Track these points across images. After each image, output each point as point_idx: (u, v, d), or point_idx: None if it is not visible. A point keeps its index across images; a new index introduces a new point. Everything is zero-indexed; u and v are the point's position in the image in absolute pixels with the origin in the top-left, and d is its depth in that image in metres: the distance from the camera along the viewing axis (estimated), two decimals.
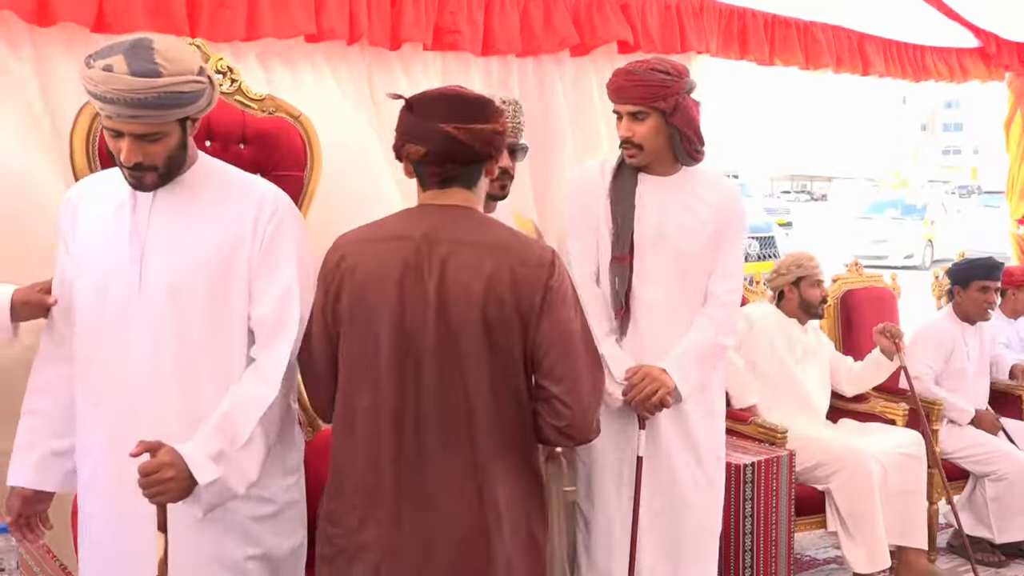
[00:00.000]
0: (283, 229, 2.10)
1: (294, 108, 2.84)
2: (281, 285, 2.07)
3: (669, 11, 4.12)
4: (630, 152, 2.78)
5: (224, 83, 2.73)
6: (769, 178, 39.11)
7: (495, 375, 1.93)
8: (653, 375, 2.71)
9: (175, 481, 1.88)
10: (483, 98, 2.04)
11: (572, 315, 1.97)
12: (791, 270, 4.01)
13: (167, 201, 2.06)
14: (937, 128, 59.62)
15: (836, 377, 4.19)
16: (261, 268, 2.07)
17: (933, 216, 19.81)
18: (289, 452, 2.19)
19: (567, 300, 1.97)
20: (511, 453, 1.97)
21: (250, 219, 2.07)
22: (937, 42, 5.62)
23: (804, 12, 4.79)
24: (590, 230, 2.81)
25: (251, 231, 2.07)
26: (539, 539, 2.03)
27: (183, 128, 2.01)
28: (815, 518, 3.79)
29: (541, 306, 1.92)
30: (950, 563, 4.26)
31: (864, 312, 4.73)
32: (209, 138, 2.67)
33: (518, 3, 3.69)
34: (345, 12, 3.22)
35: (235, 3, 2.99)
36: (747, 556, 3.38)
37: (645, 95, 2.72)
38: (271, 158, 2.75)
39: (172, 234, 2.04)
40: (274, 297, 2.06)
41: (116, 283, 2.04)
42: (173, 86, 1.90)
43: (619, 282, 2.75)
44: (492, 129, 1.99)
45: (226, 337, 2.07)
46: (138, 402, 2.03)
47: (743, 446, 3.58)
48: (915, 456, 3.88)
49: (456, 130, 1.95)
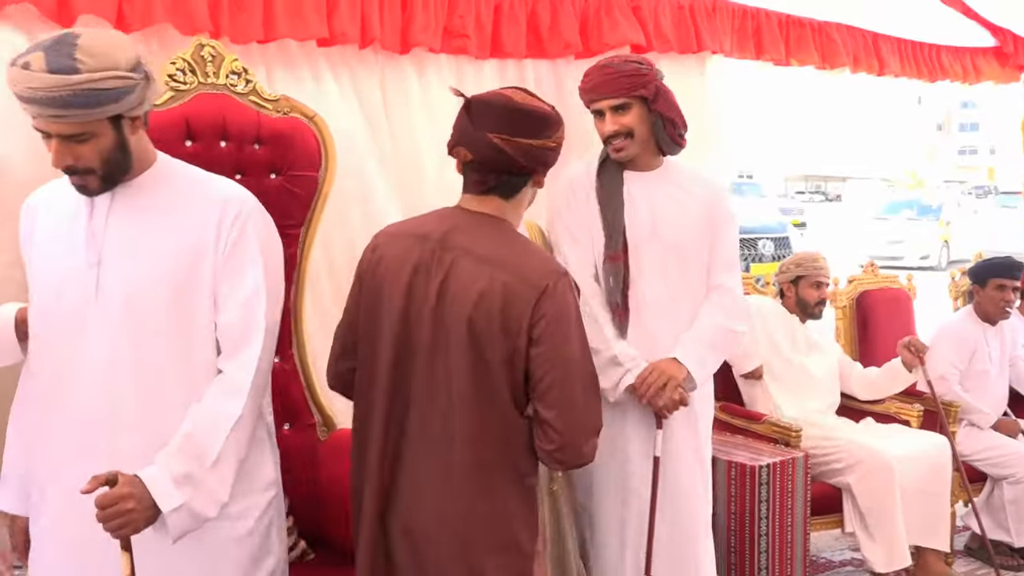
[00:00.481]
0: (248, 231, 1.99)
1: (308, 109, 2.85)
2: (247, 290, 1.97)
3: (682, 11, 4.11)
4: (619, 145, 2.76)
5: (239, 84, 2.73)
6: (783, 178, 38.95)
7: (478, 385, 1.95)
8: (660, 368, 2.71)
9: (136, 512, 1.78)
10: (540, 111, 2.02)
11: (570, 340, 1.95)
12: (790, 269, 4.06)
13: (125, 205, 1.97)
14: (953, 128, 59.29)
15: (847, 381, 4.18)
16: (225, 273, 1.97)
17: (949, 217, 19.68)
18: (263, 467, 2.08)
19: (564, 325, 1.94)
20: (493, 463, 1.97)
21: (213, 222, 1.97)
22: (953, 41, 5.59)
23: (819, 12, 4.77)
24: (585, 233, 2.80)
25: (214, 235, 1.97)
26: (525, 547, 2.02)
27: (117, 127, 1.89)
28: (831, 518, 3.78)
29: (530, 328, 1.92)
30: (968, 566, 4.23)
31: (880, 313, 4.71)
32: (224, 138, 2.68)
33: (526, 6, 3.68)
34: (357, 16, 3.22)
35: (251, 6, 2.99)
36: (762, 558, 3.36)
37: (626, 86, 2.73)
38: (286, 158, 2.76)
39: (131, 239, 1.95)
40: (239, 303, 1.96)
41: (72, 290, 1.95)
42: (92, 83, 1.79)
43: (614, 281, 2.74)
44: (543, 145, 2.00)
45: (190, 347, 1.96)
46: (93, 416, 1.93)
47: (757, 447, 3.57)
48: (940, 458, 3.85)
49: (503, 142, 1.97)
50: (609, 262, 2.75)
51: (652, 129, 2.78)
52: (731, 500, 3.38)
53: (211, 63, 2.70)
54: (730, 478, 3.38)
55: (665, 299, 2.80)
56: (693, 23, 4.15)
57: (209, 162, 2.63)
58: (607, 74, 2.75)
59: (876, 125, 41.09)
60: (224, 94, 2.71)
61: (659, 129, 2.78)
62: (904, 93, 5.92)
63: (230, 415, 1.91)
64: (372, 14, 3.24)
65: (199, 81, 2.68)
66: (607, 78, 2.75)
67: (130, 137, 1.93)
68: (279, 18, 3.04)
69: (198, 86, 2.67)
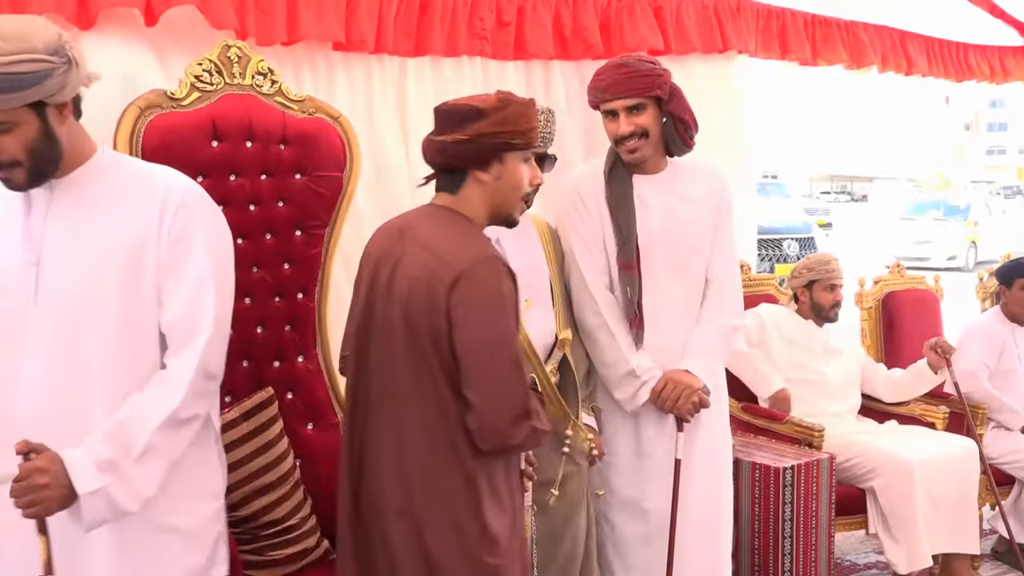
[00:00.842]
0: (193, 222, 1.90)
1: (334, 109, 2.86)
2: (191, 283, 1.88)
3: (707, 11, 4.10)
4: (633, 145, 2.73)
5: (265, 84, 2.75)
6: (808, 179, 38.70)
7: (417, 368, 2.02)
8: (675, 379, 2.70)
9: (49, 489, 1.68)
10: (458, 108, 2.08)
11: (490, 324, 1.98)
12: (802, 273, 4.02)
13: (64, 201, 1.87)
14: (981, 128, 58.67)
15: (871, 384, 4.15)
16: (169, 266, 1.88)
17: (977, 217, 19.49)
18: (208, 475, 1.99)
19: (484, 308, 1.98)
20: (434, 445, 2.02)
21: (155, 214, 1.87)
22: (980, 40, 5.54)
23: (845, 11, 4.74)
24: (597, 241, 2.78)
25: (156, 227, 1.87)
26: (468, 529, 2.03)
27: (41, 116, 1.79)
28: (855, 518, 3.75)
29: (448, 312, 1.97)
30: (994, 570, 4.19)
31: (906, 314, 4.67)
32: (250, 139, 2.70)
33: (550, 7, 3.68)
34: (374, 20, 3.23)
35: (274, 9, 3.01)
36: (786, 560, 3.34)
37: (643, 86, 2.70)
38: (311, 159, 2.78)
39: (70, 237, 1.86)
40: (184, 298, 1.88)
41: (11, 291, 1.86)
42: (5, 67, 1.70)
43: (631, 291, 2.71)
44: (453, 140, 2.06)
45: (134, 347, 1.87)
46: (33, 418, 1.82)
47: (780, 448, 3.55)
48: (967, 462, 3.81)
49: (428, 142, 2.12)
50: (624, 272, 2.73)
51: (662, 131, 2.76)
52: (755, 502, 3.36)
53: (237, 64, 2.72)
54: (754, 480, 3.36)
55: (680, 301, 2.80)
56: (718, 23, 4.14)
57: (235, 162, 2.67)
58: (623, 73, 2.72)
59: (903, 125, 40.71)
60: (250, 95, 2.72)
61: (670, 130, 2.76)
62: (931, 92, 5.86)
63: (162, 408, 1.81)
64: (388, 18, 3.24)
65: (225, 82, 2.70)
66: (623, 77, 2.71)
67: (58, 127, 1.83)
68: (303, 20, 3.06)
69: (224, 87, 2.69)
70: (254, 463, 2.54)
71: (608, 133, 2.78)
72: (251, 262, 2.72)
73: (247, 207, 2.71)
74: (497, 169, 2.09)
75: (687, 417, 2.72)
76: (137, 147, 2.53)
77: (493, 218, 2.16)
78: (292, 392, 2.81)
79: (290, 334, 2.81)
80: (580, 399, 2.68)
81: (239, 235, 2.70)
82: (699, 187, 2.84)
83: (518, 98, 2.11)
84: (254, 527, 2.54)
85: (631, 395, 2.72)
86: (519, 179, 2.12)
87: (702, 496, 2.84)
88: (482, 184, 2.09)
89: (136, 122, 2.53)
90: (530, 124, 2.10)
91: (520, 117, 2.08)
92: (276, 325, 2.78)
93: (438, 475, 2.03)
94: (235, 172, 2.68)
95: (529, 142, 2.11)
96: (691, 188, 2.83)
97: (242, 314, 2.71)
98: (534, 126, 2.12)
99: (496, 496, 2.07)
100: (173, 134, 2.56)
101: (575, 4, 3.72)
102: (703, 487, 2.85)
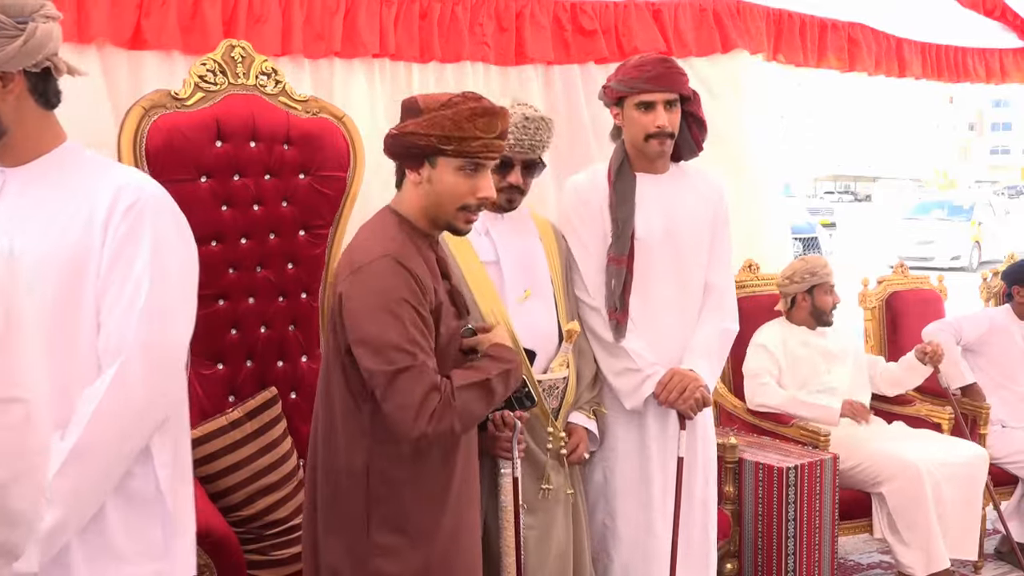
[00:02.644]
0: (142, 227, 1.66)
1: (337, 109, 2.87)
2: (124, 301, 1.64)
3: (705, 14, 4.11)
4: (662, 142, 2.73)
5: (269, 84, 2.76)
6: (812, 178, 38.66)
7: (330, 365, 2.03)
8: (683, 372, 2.71)
9: None
10: (409, 101, 2.06)
11: (372, 320, 1.92)
12: (805, 278, 3.90)
13: (15, 192, 1.69)
14: (985, 128, 58.57)
15: (872, 380, 4.13)
16: (109, 277, 1.64)
17: (981, 217, 19.46)
18: (146, 529, 1.69)
19: (368, 304, 1.93)
20: (338, 434, 2.01)
21: (99, 220, 1.65)
22: (978, 43, 5.54)
23: (843, 14, 4.75)
24: (599, 244, 2.78)
25: (100, 231, 1.65)
26: (355, 532, 1.99)
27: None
28: (860, 522, 3.74)
29: (340, 306, 1.97)
30: (997, 570, 4.19)
31: (910, 314, 4.67)
32: (254, 139, 2.70)
33: (548, 14, 3.69)
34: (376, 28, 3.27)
35: (270, 17, 3.04)
36: (790, 560, 3.34)
37: (680, 82, 2.75)
38: (315, 159, 2.78)
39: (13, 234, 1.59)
40: (115, 316, 1.63)
41: None
42: None
43: (616, 283, 2.72)
44: (389, 133, 2.06)
45: (70, 366, 1.62)
46: None
47: (785, 449, 3.55)
48: (974, 469, 3.78)
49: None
50: (613, 264, 2.73)
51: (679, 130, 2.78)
52: (759, 501, 3.36)
53: (241, 64, 2.72)
54: (758, 479, 3.36)
55: (678, 300, 2.82)
56: (718, 25, 4.14)
57: (239, 162, 2.68)
58: (669, 67, 2.73)
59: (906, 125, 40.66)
60: (254, 95, 2.73)
61: (684, 131, 2.77)
62: (935, 93, 5.85)
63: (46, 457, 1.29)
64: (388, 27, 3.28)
65: (229, 82, 2.70)
66: (669, 71, 2.72)
67: (15, 109, 1.65)
68: (295, 32, 3.10)
69: (228, 87, 2.70)
70: (258, 463, 2.54)
71: (638, 125, 2.73)
72: (255, 262, 2.72)
73: (251, 207, 2.72)
74: (427, 171, 1.99)
75: (690, 414, 2.72)
76: (141, 147, 2.53)
77: (432, 223, 2.05)
78: (296, 392, 2.81)
79: (294, 334, 2.82)
80: (580, 400, 2.68)
81: (243, 235, 2.71)
82: (699, 192, 2.87)
83: (468, 105, 1.97)
84: (258, 527, 2.54)
85: (634, 388, 2.72)
86: (452, 188, 1.99)
87: (700, 497, 2.87)
88: (414, 185, 2.04)
89: (140, 122, 2.54)
90: (467, 134, 1.95)
91: (455, 124, 1.94)
92: (280, 325, 2.79)
93: (336, 468, 2.01)
94: (239, 172, 2.68)
95: (463, 151, 1.96)
96: (691, 192, 2.86)
97: (246, 314, 2.72)
98: (475, 136, 1.95)
99: (419, 489, 2.00)
100: (177, 134, 2.56)
101: (573, 8, 3.73)
102: (701, 487, 2.87)
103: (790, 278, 3.95)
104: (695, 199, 2.85)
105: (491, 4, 3.56)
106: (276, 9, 3.07)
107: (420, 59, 3.41)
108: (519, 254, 2.63)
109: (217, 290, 2.66)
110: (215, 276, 2.63)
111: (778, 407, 3.75)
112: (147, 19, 2.87)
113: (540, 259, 2.69)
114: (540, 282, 2.67)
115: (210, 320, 2.64)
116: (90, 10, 2.77)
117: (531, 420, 2.50)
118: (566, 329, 2.64)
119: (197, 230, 2.57)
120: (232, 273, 2.70)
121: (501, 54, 3.58)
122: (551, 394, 2.59)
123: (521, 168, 2.56)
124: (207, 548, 2.19)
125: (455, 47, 3.46)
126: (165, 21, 2.88)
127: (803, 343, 3.91)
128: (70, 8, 2.73)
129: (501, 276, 2.57)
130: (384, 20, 3.28)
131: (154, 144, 2.53)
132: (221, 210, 2.66)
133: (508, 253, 2.60)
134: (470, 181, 1.99)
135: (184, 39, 2.92)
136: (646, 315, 2.77)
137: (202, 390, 2.65)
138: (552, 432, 2.56)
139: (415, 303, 1.93)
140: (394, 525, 1.99)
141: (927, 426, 4.09)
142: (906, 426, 4.07)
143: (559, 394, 2.62)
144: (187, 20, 2.93)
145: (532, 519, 2.50)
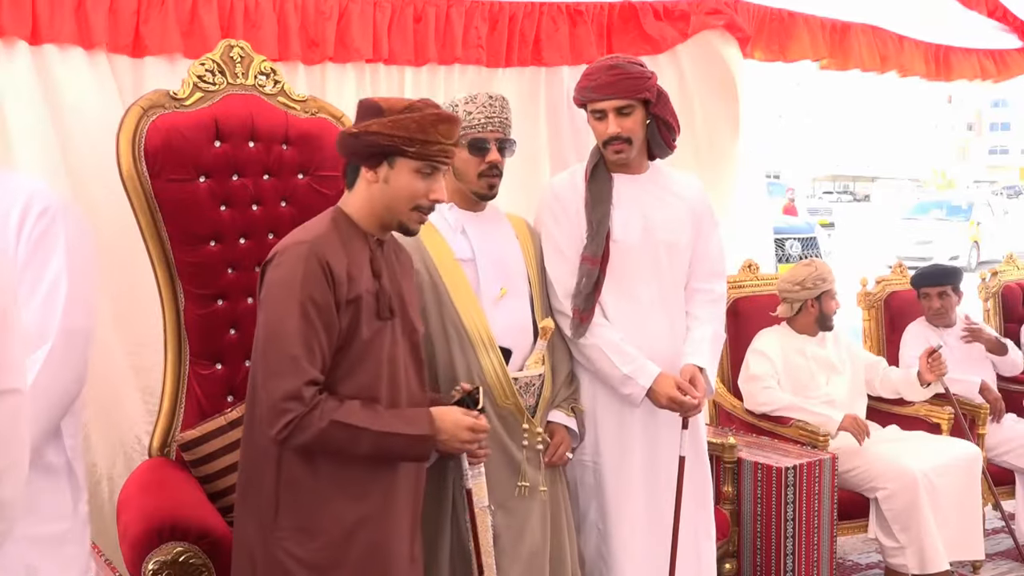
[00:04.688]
0: (56, 227, 1.74)
1: (336, 109, 2.87)
2: (43, 291, 1.72)
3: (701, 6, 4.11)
4: (618, 147, 2.74)
5: (267, 84, 2.76)
6: (811, 179, 38.70)
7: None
8: (690, 371, 2.75)
9: None
10: (367, 103, 2.09)
11: (273, 307, 1.97)
12: (817, 284, 3.83)
13: None
14: (984, 127, 58.61)
15: (870, 384, 4.10)
16: (24, 275, 1.71)
17: (979, 217, 19.48)
18: (52, 494, 1.77)
19: (273, 292, 1.99)
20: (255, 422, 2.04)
21: (14, 223, 1.72)
22: (978, 44, 5.54)
23: (842, 13, 4.75)
24: (574, 247, 2.77)
25: (15, 235, 1.72)
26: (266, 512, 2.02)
27: None
28: (859, 522, 3.74)
29: (259, 294, 2.04)
30: (996, 570, 4.19)
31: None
32: (253, 139, 2.70)
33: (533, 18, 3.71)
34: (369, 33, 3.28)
35: (265, 23, 3.05)
36: (788, 560, 3.34)
37: (632, 88, 2.71)
38: (313, 159, 2.78)
39: None
40: (34, 306, 1.71)
41: None
42: None
43: (586, 282, 2.71)
44: (348, 132, 2.10)
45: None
46: None
47: (784, 449, 3.55)
48: (971, 470, 3.76)
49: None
50: (587, 263, 2.72)
51: (647, 132, 2.77)
52: (757, 502, 3.37)
53: (240, 64, 2.72)
54: (756, 479, 3.37)
55: (659, 299, 2.82)
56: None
57: (238, 162, 2.67)
58: (615, 75, 2.71)
59: (905, 125, 40.71)
60: (253, 95, 2.73)
61: (654, 132, 2.77)
62: (934, 92, 5.86)
63: None
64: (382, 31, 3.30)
65: (228, 82, 2.70)
66: (615, 78, 2.71)
67: None
68: (291, 37, 3.11)
69: (227, 87, 2.70)
70: None
71: (595, 133, 2.79)
72: (254, 262, 2.72)
73: (250, 207, 2.71)
74: (385, 172, 2.06)
75: (692, 414, 2.72)
76: (140, 147, 2.53)
77: (382, 222, 2.11)
78: None
79: None
80: (557, 398, 2.68)
81: (242, 235, 2.70)
82: (679, 193, 2.88)
83: (431, 110, 2.06)
84: None
85: (632, 387, 2.73)
86: (408, 188, 2.06)
87: (696, 496, 2.87)
88: (368, 184, 2.08)
89: (139, 122, 2.53)
90: (429, 138, 2.03)
91: (420, 128, 2.02)
92: None
93: (257, 447, 2.04)
94: (237, 172, 2.68)
95: (424, 155, 2.04)
96: (671, 192, 2.86)
97: (245, 314, 2.72)
98: (435, 141, 2.04)
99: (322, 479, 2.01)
100: (176, 134, 2.56)
101: (569, 10, 3.74)
102: (698, 487, 2.88)
103: (801, 284, 3.85)
104: (672, 198, 2.85)
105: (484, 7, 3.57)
106: (271, 14, 3.08)
107: (415, 63, 3.42)
108: (495, 252, 2.63)
109: (216, 290, 2.66)
110: (214, 276, 2.64)
111: (781, 411, 3.75)
112: (145, 25, 2.88)
113: (516, 257, 2.70)
114: (516, 280, 2.67)
115: (209, 320, 2.64)
116: (90, 16, 2.78)
117: (507, 417, 2.52)
118: (541, 326, 2.64)
119: (196, 230, 2.62)
120: (231, 273, 2.69)
121: (493, 56, 3.59)
122: (527, 391, 2.58)
123: (496, 148, 2.56)
124: (206, 548, 2.18)
125: (450, 50, 3.47)
126: (164, 26, 2.89)
127: (801, 352, 3.88)
128: (69, 15, 2.75)
129: (477, 274, 2.57)
130: (377, 25, 3.29)
131: (153, 144, 2.53)
132: (220, 210, 2.66)
133: (484, 251, 2.60)
134: (425, 183, 2.08)
135: (184, 44, 2.93)
136: (633, 317, 2.77)
137: (201, 390, 2.65)
138: (528, 429, 2.56)
139: (319, 297, 1.96)
140: (300, 512, 2.00)
141: (926, 426, 4.08)
142: (899, 429, 4.05)
143: (536, 391, 2.61)
144: (185, 26, 2.94)
145: (507, 517, 2.49)
